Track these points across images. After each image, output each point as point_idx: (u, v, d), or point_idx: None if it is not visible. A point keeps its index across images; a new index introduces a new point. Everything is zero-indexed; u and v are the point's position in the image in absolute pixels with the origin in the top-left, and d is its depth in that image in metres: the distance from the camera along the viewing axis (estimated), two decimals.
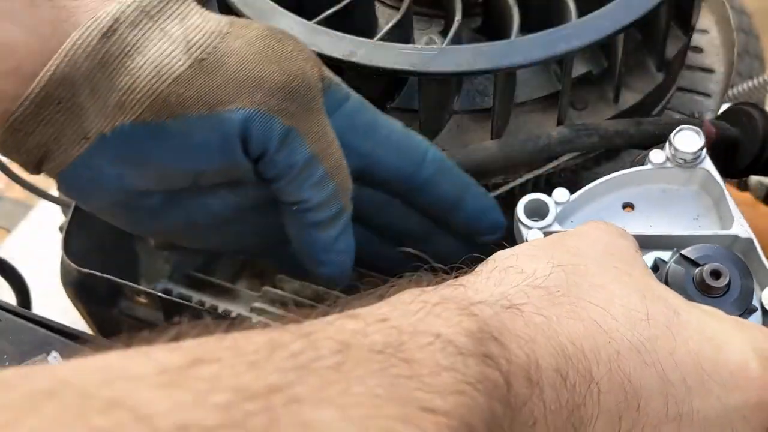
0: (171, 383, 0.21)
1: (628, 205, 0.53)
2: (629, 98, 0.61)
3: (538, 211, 0.51)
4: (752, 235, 0.49)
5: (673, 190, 0.54)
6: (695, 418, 0.30)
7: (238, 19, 0.48)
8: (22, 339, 0.49)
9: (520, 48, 0.54)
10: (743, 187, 1.06)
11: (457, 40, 0.59)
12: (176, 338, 0.25)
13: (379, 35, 0.58)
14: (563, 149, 0.58)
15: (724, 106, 0.67)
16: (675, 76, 0.67)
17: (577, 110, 0.61)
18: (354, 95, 0.52)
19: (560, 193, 0.51)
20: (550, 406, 0.28)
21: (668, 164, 0.53)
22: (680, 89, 0.69)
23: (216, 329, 0.25)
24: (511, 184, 0.61)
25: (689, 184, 0.54)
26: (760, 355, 0.32)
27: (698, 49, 0.73)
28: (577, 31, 0.54)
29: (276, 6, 0.58)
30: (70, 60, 0.42)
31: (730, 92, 1.20)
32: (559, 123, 0.59)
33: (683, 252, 0.46)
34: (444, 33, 0.65)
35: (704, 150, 0.52)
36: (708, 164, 0.53)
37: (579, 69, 0.60)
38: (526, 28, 0.60)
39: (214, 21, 0.46)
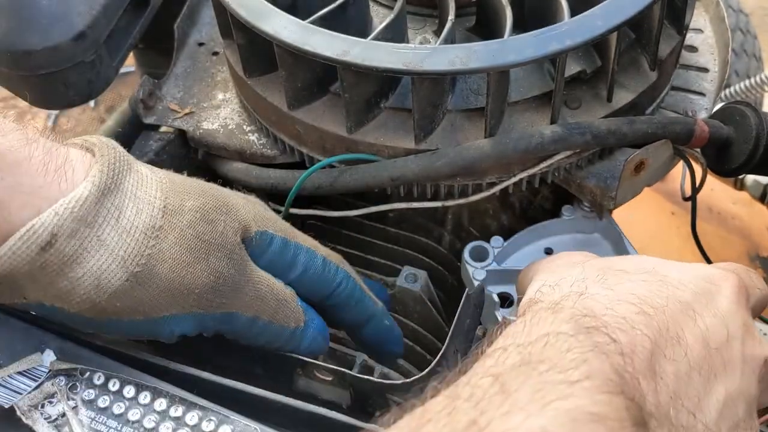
0: None
1: (548, 251, 0.66)
2: (623, 97, 0.61)
3: (480, 255, 0.63)
4: None
5: (582, 237, 0.67)
6: (719, 306, 0.44)
7: (173, 196, 0.50)
8: (16, 337, 0.50)
9: (513, 47, 0.54)
10: (740, 186, 1.06)
11: (450, 40, 0.59)
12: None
13: (372, 34, 0.58)
14: (556, 148, 0.58)
15: (720, 105, 0.67)
16: (669, 75, 0.67)
17: (570, 109, 0.61)
18: (277, 238, 0.56)
19: (496, 241, 0.64)
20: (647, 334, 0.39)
21: (577, 215, 0.66)
22: (674, 88, 0.70)
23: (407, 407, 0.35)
24: (505, 183, 0.61)
25: (594, 232, 0.67)
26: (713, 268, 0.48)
27: (692, 48, 0.73)
28: (570, 31, 0.54)
29: (270, 6, 0.58)
30: (9, 265, 0.43)
31: (727, 91, 1.20)
32: (553, 122, 0.59)
33: None
34: (438, 32, 0.65)
35: None
36: (607, 215, 0.66)
37: (572, 68, 0.61)
38: (519, 28, 0.60)
39: (147, 212, 0.48)
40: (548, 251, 0.66)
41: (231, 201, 0.53)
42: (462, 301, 0.60)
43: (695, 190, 0.66)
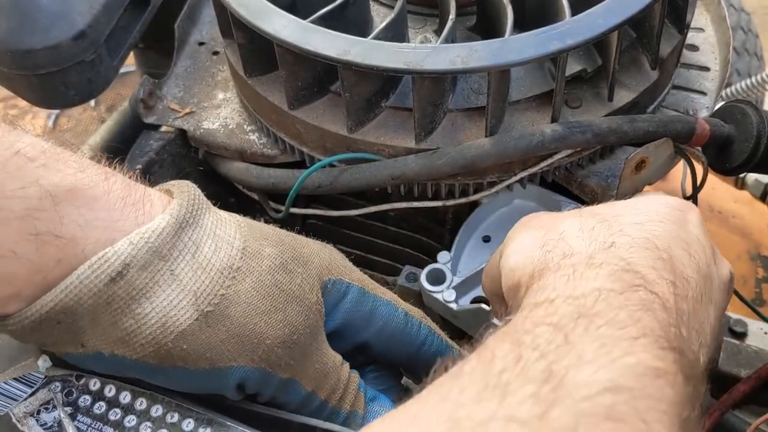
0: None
1: (486, 238, 0.65)
2: (624, 96, 0.61)
3: (438, 277, 0.63)
4: None
5: (516, 208, 0.66)
6: (694, 233, 0.45)
7: (252, 240, 0.47)
8: (11, 343, 0.49)
9: (513, 46, 0.54)
10: (741, 185, 1.06)
11: (451, 39, 0.59)
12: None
13: (373, 34, 0.58)
14: (557, 146, 0.58)
15: (721, 104, 0.67)
16: (670, 74, 0.67)
17: (571, 108, 0.61)
18: (354, 287, 0.52)
19: (443, 257, 0.64)
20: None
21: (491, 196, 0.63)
22: (675, 87, 0.70)
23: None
24: (506, 182, 0.61)
25: (529, 200, 0.65)
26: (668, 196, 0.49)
27: (694, 47, 0.73)
28: (571, 30, 0.54)
29: (270, 5, 0.58)
30: (74, 296, 0.41)
31: (728, 90, 1.20)
32: (553, 121, 0.59)
33: None
34: (439, 32, 0.65)
35: None
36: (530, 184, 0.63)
37: (573, 67, 0.61)
38: (520, 27, 0.60)
39: (225, 251, 0.45)
40: (486, 239, 0.66)
41: (307, 251, 0.50)
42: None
43: (696, 188, 0.66)
